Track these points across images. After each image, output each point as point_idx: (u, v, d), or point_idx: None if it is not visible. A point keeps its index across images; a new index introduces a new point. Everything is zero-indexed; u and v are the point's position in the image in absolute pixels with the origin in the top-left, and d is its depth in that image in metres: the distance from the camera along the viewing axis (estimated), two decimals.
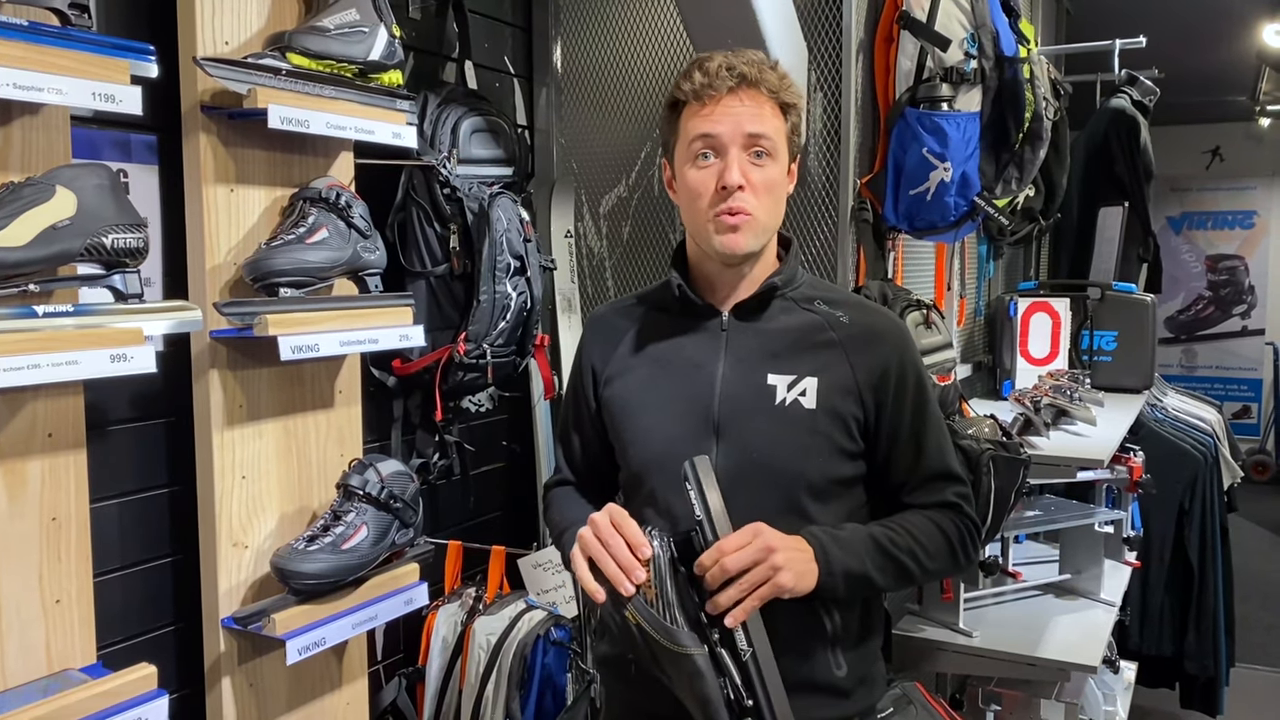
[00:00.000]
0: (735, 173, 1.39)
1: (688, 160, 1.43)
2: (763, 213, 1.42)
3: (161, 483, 1.84)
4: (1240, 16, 4.92)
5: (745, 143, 1.40)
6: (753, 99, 1.40)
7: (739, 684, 1.25)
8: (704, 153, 1.41)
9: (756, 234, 1.43)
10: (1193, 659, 3.68)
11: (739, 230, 1.41)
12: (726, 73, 1.39)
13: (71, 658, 1.56)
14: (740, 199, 1.39)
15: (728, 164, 1.39)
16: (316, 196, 1.85)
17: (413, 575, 2.00)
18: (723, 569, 1.27)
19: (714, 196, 1.40)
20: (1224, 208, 8.43)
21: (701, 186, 1.41)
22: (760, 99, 1.40)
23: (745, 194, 1.40)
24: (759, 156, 1.41)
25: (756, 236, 1.43)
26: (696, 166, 1.42)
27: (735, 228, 1.40)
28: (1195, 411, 4.10)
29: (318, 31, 1.80)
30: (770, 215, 1.44)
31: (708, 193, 1.41)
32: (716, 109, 1.39)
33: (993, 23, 2.36)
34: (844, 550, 1.37)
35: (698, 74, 1.41)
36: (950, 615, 2.35)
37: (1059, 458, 2.41)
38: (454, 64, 2.50)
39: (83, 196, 1.43)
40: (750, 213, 1.40)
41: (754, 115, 1.40)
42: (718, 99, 1.39)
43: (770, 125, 1.41)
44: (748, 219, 1.40)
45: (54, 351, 1.36)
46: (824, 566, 1.34)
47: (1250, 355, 8.39)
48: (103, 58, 1.44)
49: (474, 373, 2.32)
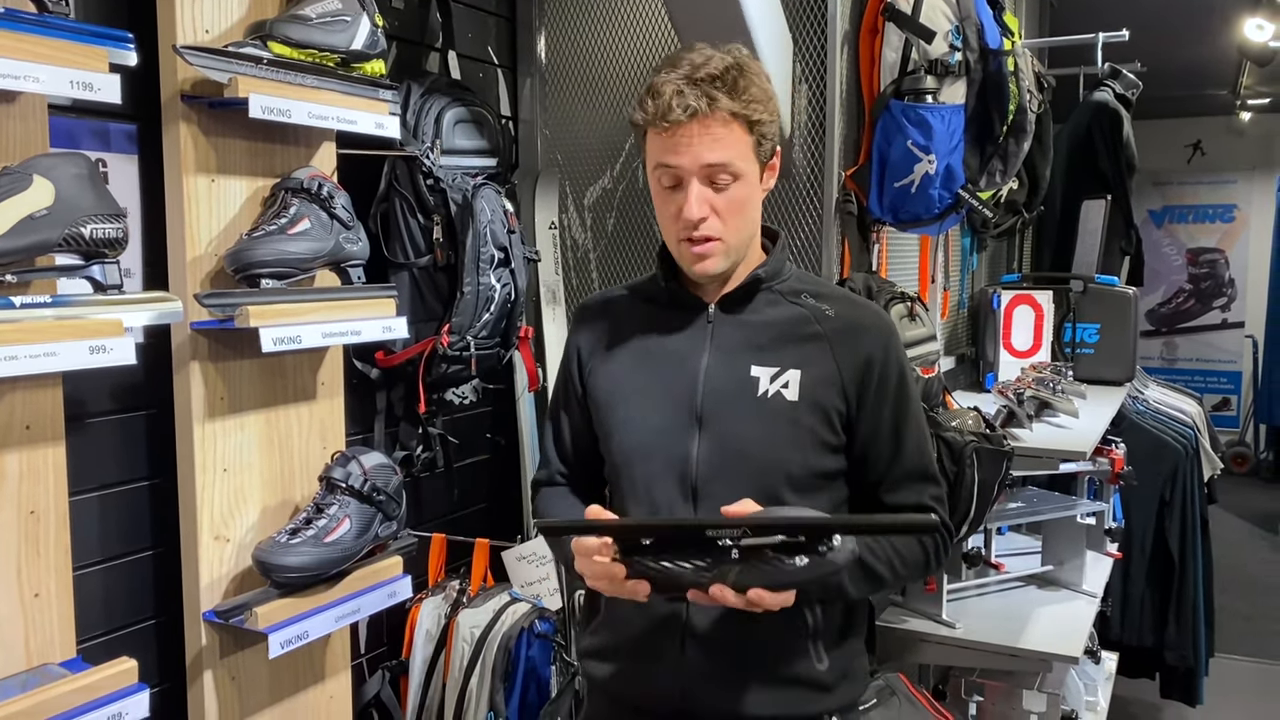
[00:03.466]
0: (694, 207, 1.37)
1: (654, 183, 1.43)
2: (731, 234, 1.41)
3: (142, 475, 1.83)
4: (1221, 11, 4.95)
5: (704, 173, 1.37)
6: (709, 125, 1.35)
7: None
8: (667, 181, 1.40)
9: (726, 255, 1.43)
10: (1173, 649, 3.71)
11: (709, 256, 1.41)
12: (677, 102, 1.33)
13: (51, 652, 1.55)
14: (705, 228, 1.38)
15: (688, 197, 1.37)
16: (298, 187, 1.84)
17: (396, 568, 1.99)
18: None
19: (681, 224, 1.39)
20: (1205, 201, 8.49)
21: (668, 211, 1.41)
22: (717, 124, 1.35)
23: (711, 221, 1.38)
24: (721, 182, 1.38)
25: (726, 258, 1.43)
26: (662, 188, 1.41)
27: (704, 255, 1.41)
28: (1176, 404, 4.13)
29: (299, 20, 1.78)
30: (740, 233, 1.43)
31: (672, 218, 1.41)
32: (674, 139, 1.36)
33: (977, 15, 2.36)
34: None
35: (651, 102, 1.36)
36: (933, 607, 2.36)
37: (1041, 450, 2.42)
38: (437, 54, 2.48)
39: (61, 186, 1.41)
40: (718, 237, 1.40)
41: (712, 144, 1.35)
42: (674, 130, 1.35)
43: (732, 150, 1.37)
44: (716, 244, 1.40)
45: (32, 343, 1.35)
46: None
47: (1230, 348, 8.46)
48: (81, 45, 1.42)
49: (458, 365, 2.31)
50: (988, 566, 2.51)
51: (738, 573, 1.22)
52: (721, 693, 1.43)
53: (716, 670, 1.43)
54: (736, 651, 1.43)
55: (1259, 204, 8.27)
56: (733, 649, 1.42)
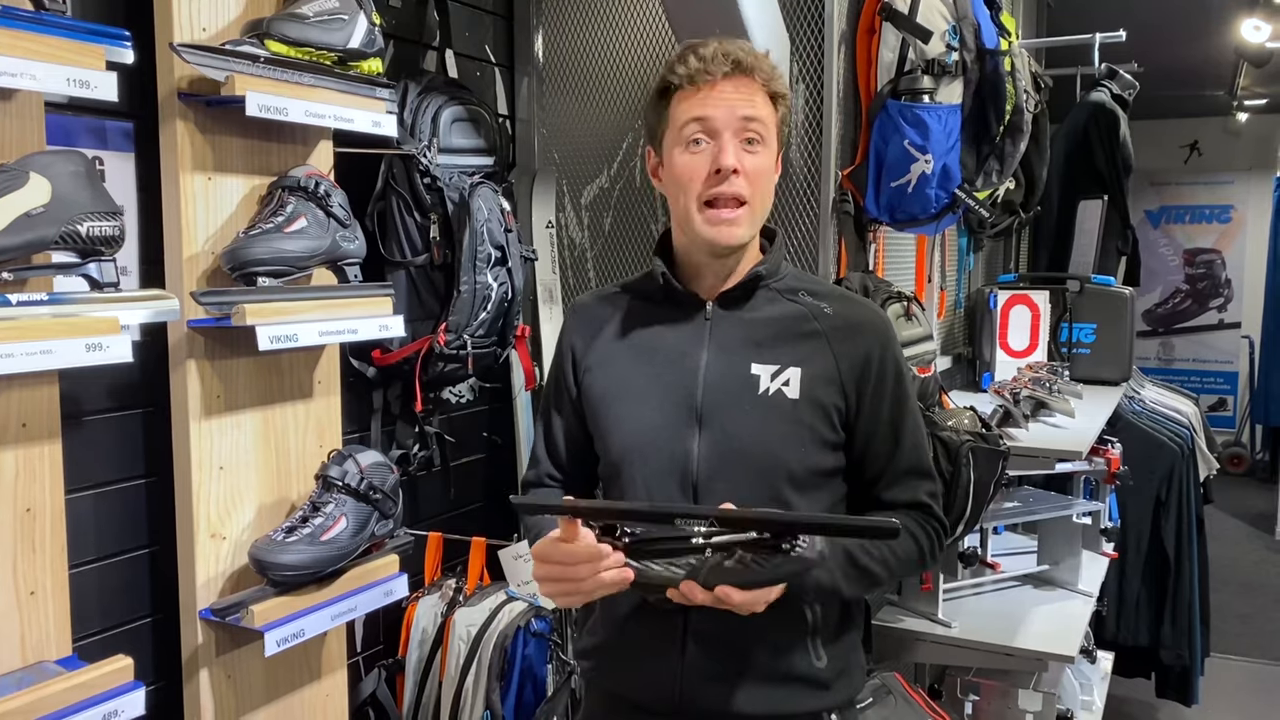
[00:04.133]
0: (730, 155, 1.39)
1: (678, 144, 1.42)
2: (757, 200, 1.42)
3: (138, 473, 1.83)
4: (1218, 11, 4.95)
5: (739, 127, 1.39)
6: (746, 86, 1.40)
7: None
8: (697, 137, 1.40)
9: (751, 223, 1.43)
10: (1168, 649, 3.71)
11: (734, 222, 1.41)
12: (722, 58, 1.39)
13: (47, 650, 1.55)
14: (735, 183, 1.39)
15: (722, 146, 1.39)
16: (295, 185, 1.84)
17: (392, 567, 1.99)
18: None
19: (707, 180, 1.40)
20: (1201, 202, 8.50)
21: (693, 171, 1.41)
22: (753, 86, 1.40)
23: (739, 179, 1.39)
24: (751, 143, 1.41)
25: (750, 225, 1.44)
26: (689, 151, 1.41)
27: (730, 220, 1.41)
28: (1172, 404, 4.14)
29: (297, 18, 1.78)
30: (762, 203, 1.44)
31: (699, 178, 1.40)
32: (711, 94, 1.39)
33: (974, 15, 2.37)
34: (820, 568, 1.35)
35: (693, 58, 1.40)
36: (929, 606, 2.36)
37: (1037, 449, 2.42)
38: (434, 53, 2.48)
39: (57, 184, 1.41)
40: (745, 199, 1.41)
41: (747, 101, 1.40)
42: (712, 84, 1.39)
43: (763, 111, 1.41)
44: (742, 211, 1.41)
45: (28, 340, 1.35)
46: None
47: (1226, 348, 8.47)
48: (78, 43, 1.42)
49: (454, 363, 2.31)
50: (984, 566, 2.51)
51: (708, 570, 1.24)
52: (720, 691, 1.43)
53: (715, 669, 1.43)
54: (735, 650, 1.42)
55: (1256, 204, 8.28)
56: (732, 647, 1.42)
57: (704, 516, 1.25)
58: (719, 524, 1.24)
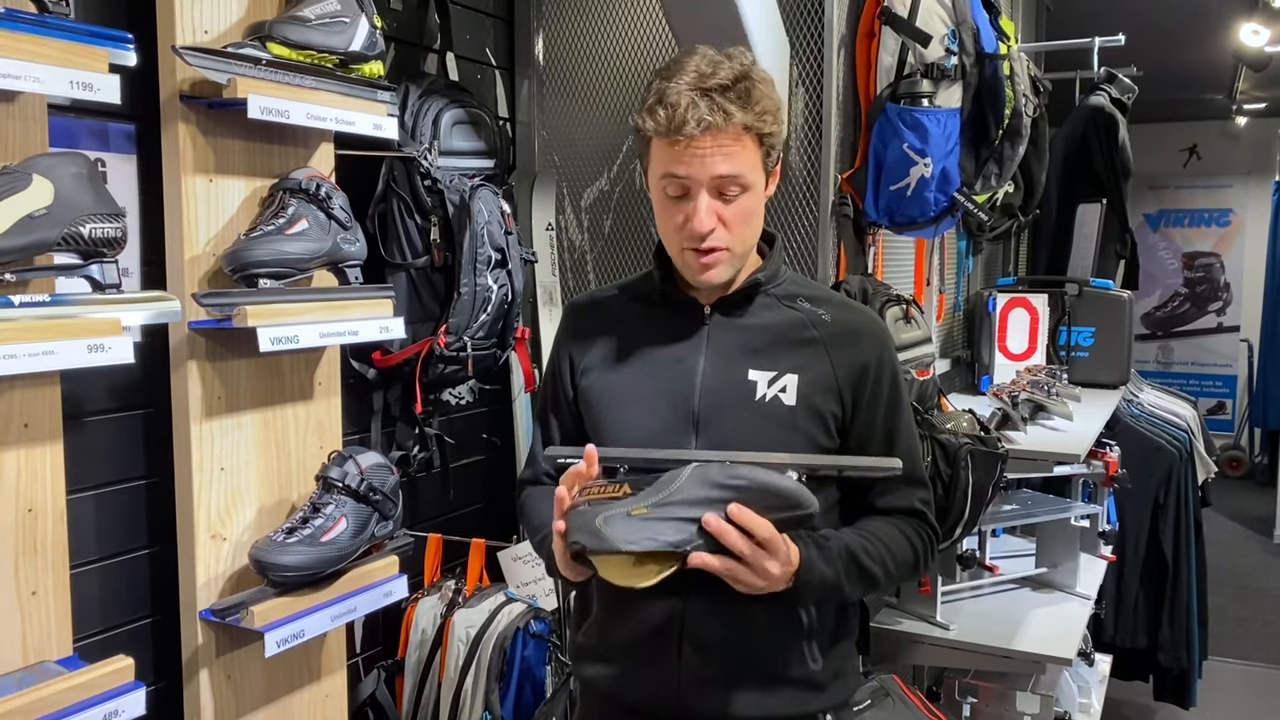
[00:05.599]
0: (703, 218, 1.36)
1: (658, 191, 1.41)
2: (737, 243, 1.41)
3: (139, 474, 1.83)
4: (1217, 16, 4.96)
5: (714, 185, 1.36)
6: (722, 138, 1.33)
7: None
8: (672, 191, 1.38)
9: (732, 264, 1.42)
10: (1166, 652, 3.72)
11: (715, 265, 1.40)
12: (692, 115, 1.31)
13: (48, 650, 1.55)
14: (712, 239, 1.38)
15: (696, 208, 1.36)
16: (296, 187, 1.84)
17: (392, 568, 2.00)
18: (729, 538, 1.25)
19: (687, 235, 1.38)
20: (1200, 205, 8.51)
21: (673, 221, 1.40)
22: (729, 136, 1.34)
23: (718, 232, 1.38)
24: (728, 194, 1.37)
25: (731, 266, 1.43)
26: (668, 199, 1.40)
27: (710, 265, 1.40)
28: (1170, 407, 4.14)
29: (298, 21, 1.79)
30: (746, 242, 1.43)
31: (677, 227, 1.39)
32: (686, 150, 1.34)
33: (974, 19, 2.37)
34: (825, 559, 1.37)
35: (662, 113, 1.33)
36: (927, 608, 2.37)
37: (1036, 452, 2.43)
38: (435, 55, 2.49)
39: (60, 185, 1.42)
40: (724, 247, 1.39)
41: (724, 157, 1.34)
42: (687, 141, 1.33)
43: (742, 163, 1.36)
44: (722, 254, 1.40)
45: (30, 341, 1.35)
46: (804, 573, 1.33)
47: (1225, 352, 8.48)
48: (81, 46, 1.42)
49: (454, 365, 2.31)
50: (982, 568, 2.51)
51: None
52: (716, 693, 1.43)
53: (712, 671, 1.43)
54: (732, 652, 1.43)
55: (1254, 208, 8.29)
56: (728, 650, 1.43)
57: (720, 461, 1.28)
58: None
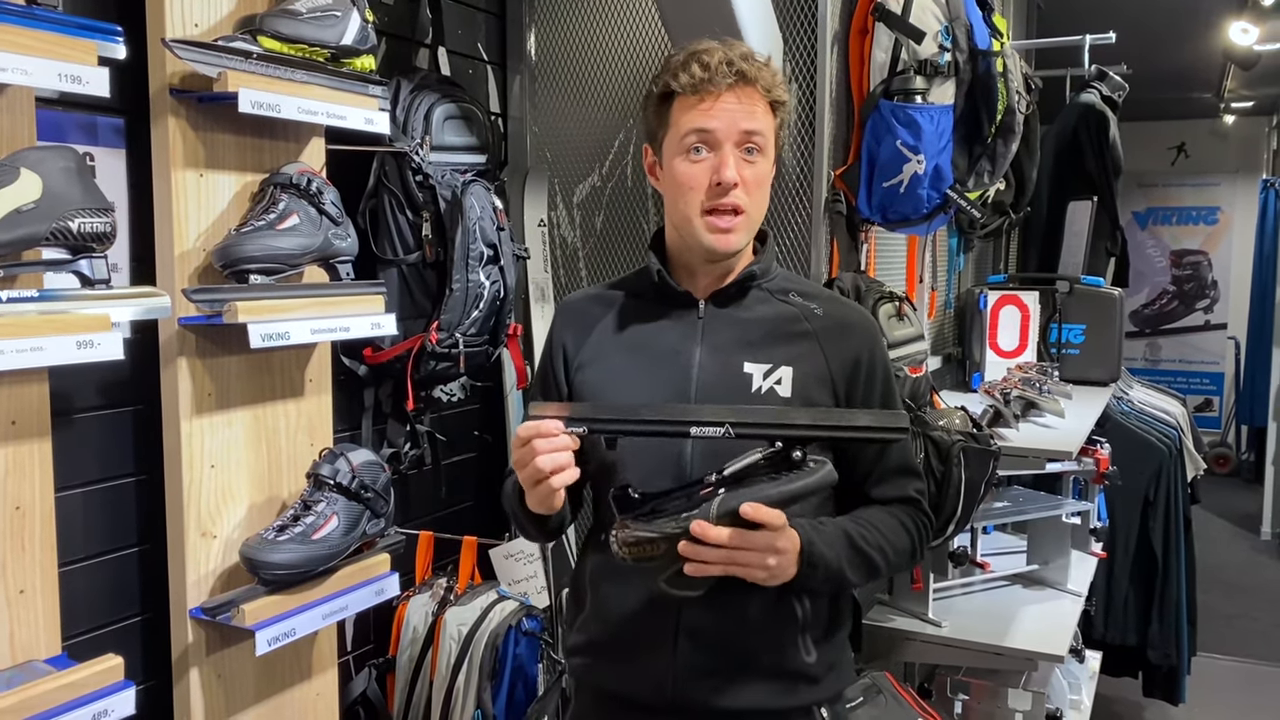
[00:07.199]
0: (731, 170, 1.40)
1: (679, 153, 1.44)
2: (754, 208, 1.45)
3: (129, 471, 1.82)
4: (1206, 15, 4.98)
5: (739, 139, 1.41)
6: (749, 96, 1.41)
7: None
8: (697, 147, 1.42)
9: (748, 230, 1.46)
10: (1156, 648, 3.73)
11: (731, 231, 1.43)
12: (726, 68, 1.40)
13: (36, 649, 1.54)
14: (735, 195, 1.41)
15: (723, 160, 1.41)
16: (287, 182, 1.83)
17: (384, 565, 1.99)
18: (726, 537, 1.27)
19: (708, 192, 1.42)
20: (1189, 203, 8.54)
21: (694, 181, 1.43)
22: (755, 96, 1.42)
23: (739, 190, 1.41)
24: (750, 153, 1.42)
25: (748, 233, 1.46)
26: (689, 160, 1.43)
27: (728, 230, 1.42)
28: (1160, 404, 4.16)
29: (290, 15, 1.78)
30: (760, 210, 1.47)
31: (700, 187, 1.42)
32: (715, 105, 1.40)
33: (967, 16, 2.37)
34: (825, 545, 1.38)
35: (696, 67, 1.40)
36: (919, 605, 2.37)
37: (1027, 449, 2.43)
38: (427, 50, 2.48)
39: (48, 180, 1.40)
40: (744, 209, 1.43)
41: (749, 113, 1.41)
42: (716, 95, 1.40)
43: (763, 122, 1.43)
44: (740, 218, 1.43)
45: (18, 337, 1.34)
46: (806, 559, 1.35)
47: (1213, 349, 8.52)
48: (69, 38, 1.41)
49: (446, 362, 2.30)
50: (973, 565, 2.52)
51: (720, 504, 1.26)
52: (712, 686, 1.43)
53: (707, 664, 1.43)
54: (728, 645, 1.43)
55: (1242, 206, 8.32)
56: (724, 643, 1.43)
57: (717, 423, 1.29)
58: (732, 428, 1.29)
